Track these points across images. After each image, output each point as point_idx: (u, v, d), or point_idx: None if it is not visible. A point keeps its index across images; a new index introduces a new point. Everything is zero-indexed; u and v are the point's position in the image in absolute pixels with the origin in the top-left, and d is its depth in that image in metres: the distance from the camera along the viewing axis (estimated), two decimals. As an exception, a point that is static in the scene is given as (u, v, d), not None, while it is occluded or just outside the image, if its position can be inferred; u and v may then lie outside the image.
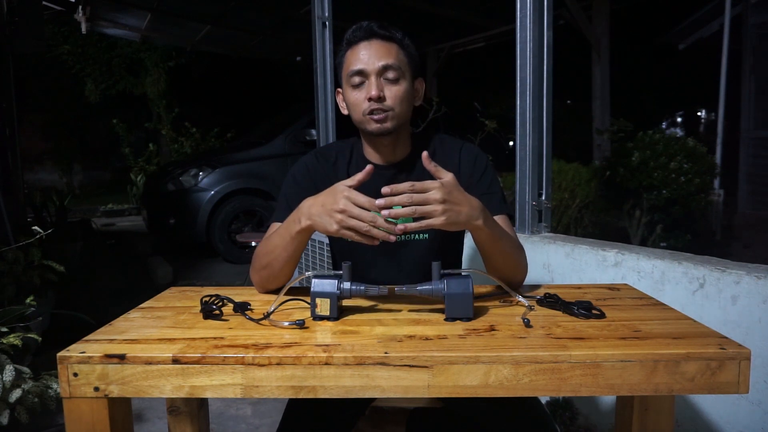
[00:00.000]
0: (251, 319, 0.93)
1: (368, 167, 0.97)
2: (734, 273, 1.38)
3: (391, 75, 1.13)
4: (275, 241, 1.08)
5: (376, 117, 1.13)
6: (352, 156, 1.26)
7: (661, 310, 0.96)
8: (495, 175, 1.23)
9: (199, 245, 5.16)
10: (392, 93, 1.14)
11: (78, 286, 3.84)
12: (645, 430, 0.88)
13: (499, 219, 1.16)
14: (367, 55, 1.13)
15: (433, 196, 0.90)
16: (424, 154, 0.96)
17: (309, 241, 2.97)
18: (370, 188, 1.22)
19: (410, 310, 0.98)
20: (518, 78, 2.02)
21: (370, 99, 1.12)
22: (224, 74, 12.34)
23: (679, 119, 14.60)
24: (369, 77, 1.13)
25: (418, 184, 0.91)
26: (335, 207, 0.93)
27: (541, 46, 2.00)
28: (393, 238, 0.92)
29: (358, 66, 1.13)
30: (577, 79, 6.50)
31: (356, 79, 1.14)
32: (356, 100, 1.15)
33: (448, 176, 0.94)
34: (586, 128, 6.01)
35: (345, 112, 1.23)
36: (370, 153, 1.24)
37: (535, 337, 0.82)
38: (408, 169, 1.22)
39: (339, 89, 1.24)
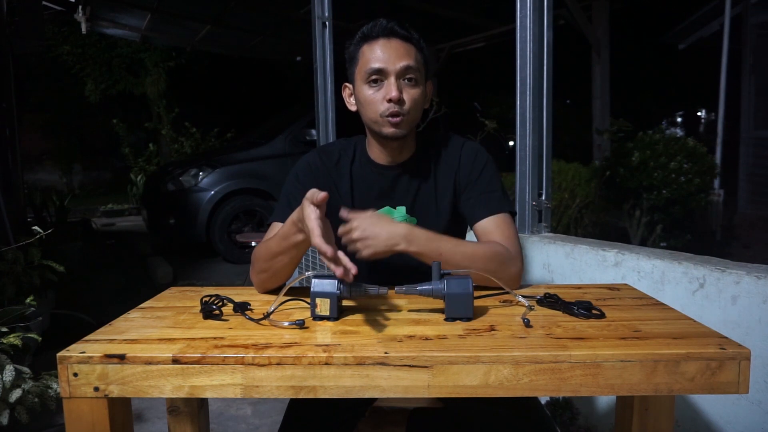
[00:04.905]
0: (251, 319, 0.93)
1: (322, 195, 0.92)
2: (734, 273, 1.38)
3: (410, 77, 1.12)
4: (274, 245, 1.07)
5: (393, 120, 1.11)
6: (355, 154, 1.25)
7: (661, 310, 0.96)
8: (496, 172, 1.21)
9: (199, 245, 5.16)
10: (410, 96, 1.12)
11: (78, 286, 3.84)
12: (645, 430, 0.88)
13: (499, 218, 1.15)
14: (387, 54, 1.10)
15: (349, 237, 1.02)
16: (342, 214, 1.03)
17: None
18: (372, 188, 1.22)
19: (410, 310, 0.98)
20: (518, 78, 2.02)
21: (389, 100, 1.10)
22: (224, 74, 12.33)
23: (679, 119, 14.59)
24: (388, 77, 1.11)
25: (342, 230, 1.03)
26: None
27: (541, 46, 2.00)
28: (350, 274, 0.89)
29: (377, 64, 1.11)
30: (577, 79, 6.49)
31: (374, 77, 1.12)
32: (372, 99, 1.13)
33: (358, 218, 1.03)
34: (586, 128, 6.00)
35: (352, 108, 1.21)
36: (375, 153, 1.22)
37: (535, 337, 0.82)
38: (411, 169, 1.22)
39: (347, 84, 1.22)
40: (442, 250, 1.05)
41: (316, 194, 0.91)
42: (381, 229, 1.02)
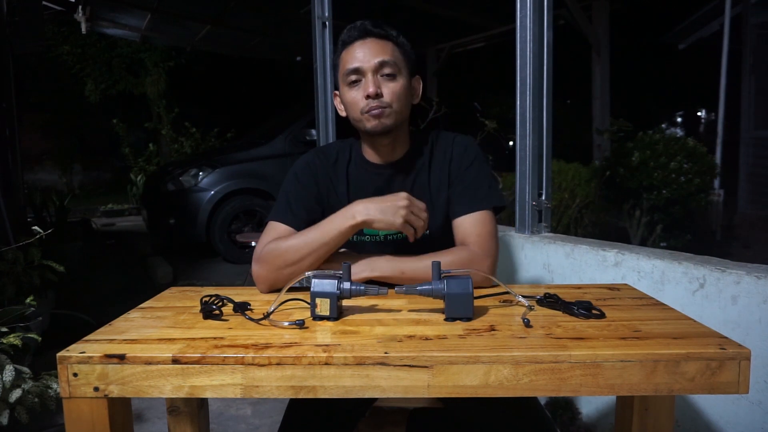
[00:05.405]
0: (251, 319, 0.93)
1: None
2: (734, 273, 1.38)
3: (387, 71, 1.13)
4: (315, 237, 1.08)
5: (373, 113, 1.12)
6: (351, 156, 1.26)
7: (661, 310, 0.96)
8: (484, 167, 1.21)
9: (199, 245, 5.16)
10: (389, 89, 1.13)
11: (78, 286, 3.84)
12: (645, 430, 0.88)
13: (476, 215, 1.15)
14: (363, 53, 1.13)
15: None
16: None
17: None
18: (369, 186, 1.23)
19: (410, 310, 0.98)
20: (518, 78, 2.02)
21: (367, 96, 1.12)
22: (224, 74, 12.33)
23: (679, 119, 14.60)
24: (365, 75, 1.13)
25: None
26: (401, 204, 1.05)
27: (541, 46, 2.00)
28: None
29: (354, 64, 1.13)
30: (577, 79, 6.50)
31: (352, 78, 1.14)
32: (353, 99, 1.15)
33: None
34: (586, 128, 6.00)
35: (343, 114, 1.23)
36: (368, 153, 1.23)
37: (535, 337, 0.82)
38: (406, 168, 1.22)
39: (336, 91, 1.24)
40: (403, 269, 1.09)
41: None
42: (361, 261, 1.12)
